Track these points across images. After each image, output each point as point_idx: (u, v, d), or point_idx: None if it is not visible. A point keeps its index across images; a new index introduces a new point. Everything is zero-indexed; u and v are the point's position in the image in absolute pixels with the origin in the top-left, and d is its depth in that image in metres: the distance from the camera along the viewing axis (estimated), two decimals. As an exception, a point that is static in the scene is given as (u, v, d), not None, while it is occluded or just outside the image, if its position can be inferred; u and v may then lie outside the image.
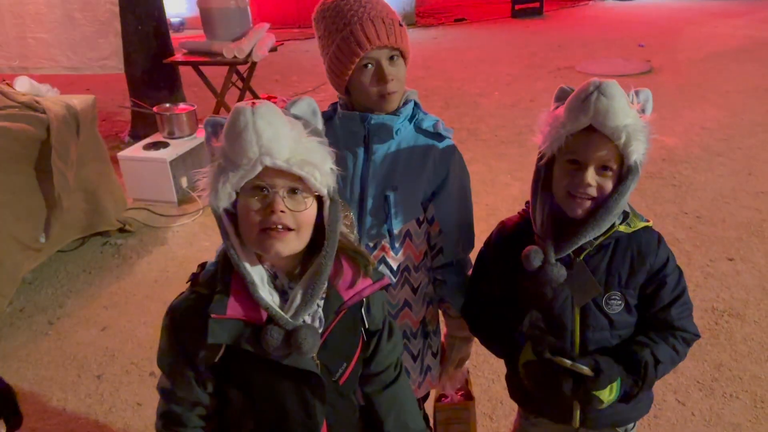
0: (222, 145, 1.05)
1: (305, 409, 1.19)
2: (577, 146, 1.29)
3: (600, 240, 1.36)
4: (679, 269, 1.45)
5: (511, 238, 1.47)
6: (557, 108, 1.33)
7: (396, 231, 1.55)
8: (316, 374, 1.16)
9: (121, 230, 3.97)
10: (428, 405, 1.89)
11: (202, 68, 5.19)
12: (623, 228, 1.37)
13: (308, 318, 1.12)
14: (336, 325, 1.18)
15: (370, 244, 1.56)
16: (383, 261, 1.57)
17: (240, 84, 5.49)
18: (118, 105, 5.87)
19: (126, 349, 2.96)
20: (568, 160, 1.32)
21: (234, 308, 1.10)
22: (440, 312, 1.76)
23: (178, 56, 5.21)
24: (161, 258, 3.75)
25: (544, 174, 1.38)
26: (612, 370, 1.35)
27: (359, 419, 1.35)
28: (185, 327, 1.15)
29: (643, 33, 9.34)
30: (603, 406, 1.37)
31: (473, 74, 7.58)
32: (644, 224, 1.41)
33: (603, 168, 1.30)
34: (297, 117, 1.11)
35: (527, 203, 1.46)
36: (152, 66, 5.28)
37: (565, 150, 1.31)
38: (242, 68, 5.40)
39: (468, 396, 1.86)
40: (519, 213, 1.51)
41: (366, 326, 1.26)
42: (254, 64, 5.36)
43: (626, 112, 1.25)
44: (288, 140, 1.03)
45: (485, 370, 2.70)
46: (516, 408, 1.73)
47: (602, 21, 10.66)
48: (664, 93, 6.32)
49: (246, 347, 1.10)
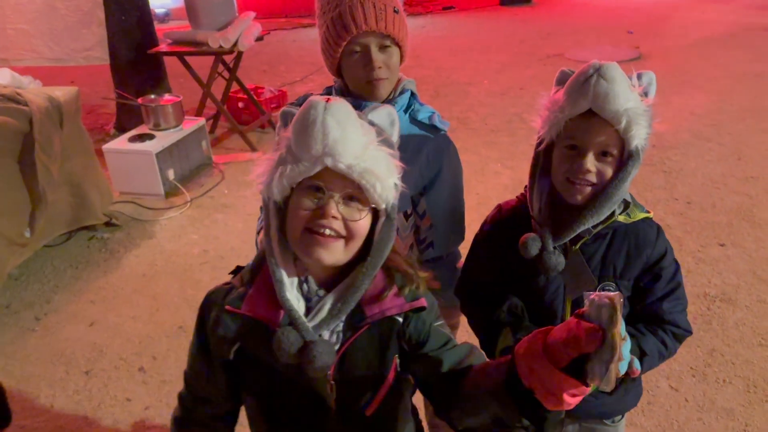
0: (288, 136, 1.00)
1: (314, 430, 1.14)
2: (577, 131, 1.26)
3: (598, 229, 1.33)
4: (677, 263, 1.42)
5: (508, 223, 1.44)
6: (557, 92, 1.30)
7: None
8: (321, 398, 1.09)
9: (108, 224, 3.91)
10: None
11: (188, 59, 5.11)
12: (622, 218, 1.34)
13: (326, 333, 1.05)
14: (357, 344, 1.07)
15: None
16: None
17: (226, 74, 5.43)
18: (103, 97, 5.79)
19: (114, 345, 2.92)
20: (568, 146, 1.28)
21: (250, 305, 1.06)
22: None
23: (163, 47, 5.14)
24: (149, 252, 3.70)
25: (543, 159, 1.35)
26: None
27: None
28: (209, 315, 1.12)
29: (632, 20, 9.33)
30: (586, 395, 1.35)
31: (462, 63, 7.54)
32: (644, 215, 1.37)
33: (603, 154, 1.26)
34: (372, 123, 1.04)
35: (526, 187, 1.42)
36: (137, 57, 5.20)
37: (565, 135, 1.28)
38: (228, 58, 5.34)
39: None
40: (517, 197, 1.48)
41: (409, 339, 1.10)
42: (240, 54, 5.30)
43: (627, 96, 1.21)
44: (355, 145, 0.97)
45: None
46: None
47: (591, 8, 10.64)
48: (653, 79, 6.31)
49: (252, 348, 1.06)
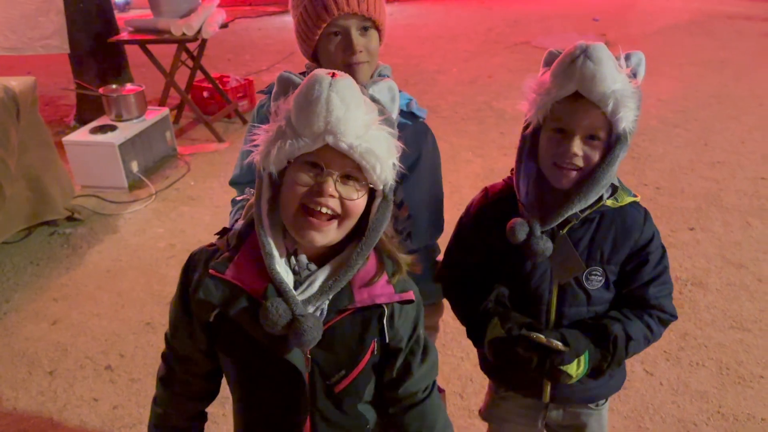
0: (289, 109, 0.97)
1: (285, 403, 1.13)
2: (563, 114, 1.22)
3: (586, 213, 1.30)
4: (663, 248, 1.40)
5: (494, 207, 1.40)
6: (544, 73, 1.26)
7: None
8: (297, 371, 1.08)
9: (70, 219, 3.78)
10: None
11: (150, 47, 4.95)
12: (610, 202, 1.31)
13: (311, 308, 1.02)
14: (339, 324, 1.07)
15: None
16: None
17: (190, 63, 5.29)
18: (62, 88, 5.60)
19: (79, 343, 2.81)
20: (554, 129, 1.25)
21: (235, 271, 1.04)
22: None
23: (124, 35, 4.97)
24: (113, 247, 3.59)
25: (530, 143, 1.31)
26: (579, 343, 1.30)
27: None
28: (190, 275, 1.11)
29: (597, 7, 9.40)
30: (572, 381, 1.32)
31: (431, 51, 7.50)
32: (632, 199, 1.35)
33: (590, 137, 1.23)
34: (374, 99, 1.02)
35: (512, 171, 1.38)
36: (96, 46, 5.03)
37: (551, 118, 1.24)
38: (192, 46, 5.20)
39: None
40: (504, 180, 1.44)
41: (386, 340, 1.13)
42: (204, 42, 5.17)
43: (614, 77, 1.17)
44: (358, 124, 0.94)
45: (454, 349, 2.66)
46: (486, 384, 1.69)
47: (556, -4, 10.69)
48: (620, 66, 6.37)
49: (234, 316, 1.04)
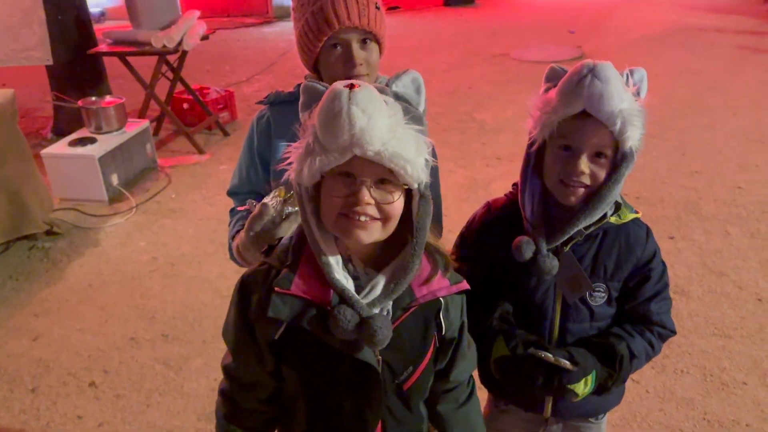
0: (314, 125, 0.99)
1: (358, 406, 1.14)
2: (570, 132, 1.22)
3: (590, 230, 1.31)
4: (664, 264, 1.41)
5: (498, 223, 1.41)
6: (548, 89, 1.26)
7: None
8: (375, 370, 1.10)
9: (49, 232, 3.72)
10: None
11: (129, 59, 4.91)
12: (614, 219, 1.32)
13: (376, 311, 1.05)
14: (404, 323, 1.11)
15: None
16: None
17: (170, 74, 5.25)
18: (41, 100, 5.52)
19: (61, 359, 2.76)
20: (561, 146, 1.25)
21: (300, 285, 1.06)
22: None
23: (103, 47, 4.93)
24: (94, 260, 3.53)
25: (535, 160, 1.31)
26: (587, 363, 1.31)
27: None
28: (251, 298, 1.11)
29: (573, 19, 9.54)
30: (578, 399, 1.34)
31: (410, 62, 7.50)
32: (634, 216, 1.36)
33: (597, 155, 1.23)
34: (398, 96, 1.03)
35: (514, 185, 1.39)
36: (74, 58, 4.97)
37: (557, 135, 1.24)
38: (172, 58, 5.16)
39: None
40: (506, 195, 1.44)
41: (442, 332, 1.17)
42: (185, 54, 5.14)
43: (621, 96, 1.18)
44: (382, 130, 0.95)
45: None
46: (486, 396, 1.69)
47: (533, 8, 10.84)
48: (597, 77, 6.45)
49: (307, 327, 1.05)
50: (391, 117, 0.98)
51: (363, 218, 0.99)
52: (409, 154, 0.98)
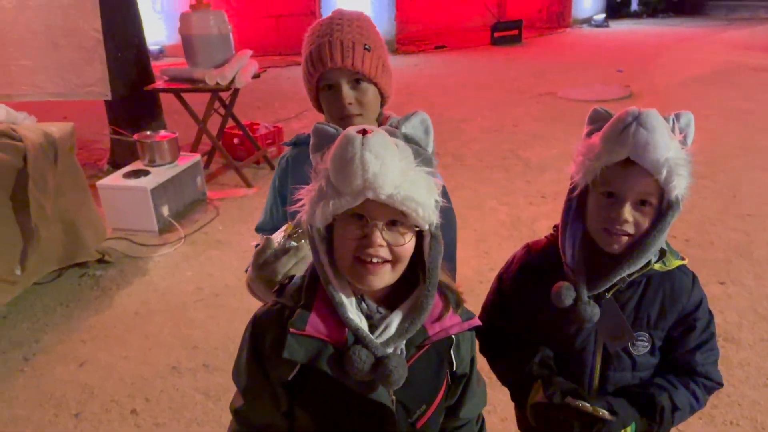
0: (326, 168, 1.02)
1: None
2: (614, 179, 1.19)
3: (633, 277, 1.27)
4: (710, 313, 1.37)
5: (538, 267, 1.38)
6: (591, 132, 1.25)
7: None
8: (390, 410, 1.10)
9: (100, 261, 3.84)
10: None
11: (184, 95, 5.11)
12: (658, 266, 1.28)
13: (390, 350, 1.06)
14: (418, 361, 1.11)
15: None
16: None
17: (222, 111, 5.43)
18: (99, 132, 5.77)
19: (106, 386, 2.83)
20: (604, 193, 1.22)
21: (314, 325, 1.06)
22: None
23: (160, 83, 5.14)
24: (142, 289, 3.63)
25: (576, 204, 1.29)
26: (626, 414, 1.27)
27: None
28: (264, 337, 1.12)
29: (621, 58, 9.49)
30: None
31: (455, 100, 7.61)
32: (679, 262, 1.32)
33: (641, 203, 1.20)
34: (408, 138, 1.07)
35: (555, 227, 1.37)
36: (132, 93, 5.19)
37: (601, 181, 1.21)
38: (224, 95, 5.35)
39: None
40: (546, 237, 1.42)
41: (453, 368, 1.18)
42: (237, 91, 5.31)
43: (667, 145, 1.14)
44: (394, 174, 0.98)
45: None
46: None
47: (580, 47, 10.84)
48: (645, 117, 6.38)
49: (323, 368, 1.06)
50: (403, 160, 1.00)
51: (375, 260, 1.01)
52: (421, 197, 1.00)
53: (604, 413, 1.25)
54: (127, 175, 4.34)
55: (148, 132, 4.67)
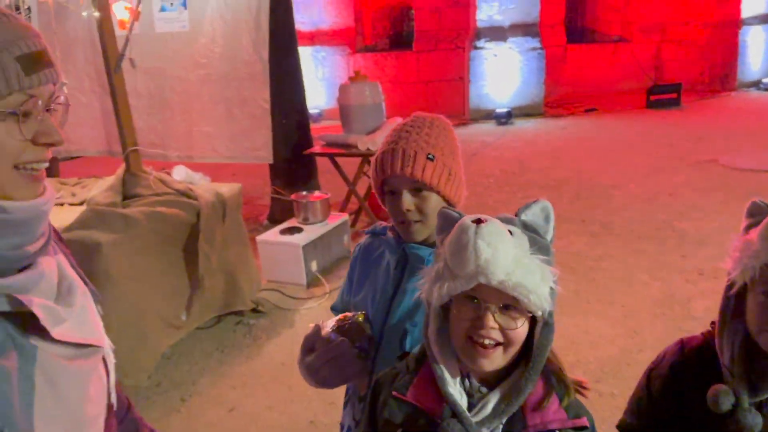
0: (444, 252, 1.10)
1: None
2: None
3: None
4: None
5: (692, 367, 1.30)
6: (749, 226, 1.19)
7: None
8: None
9: (254, 310, 4.13)
10: None
11: (337, 159, 5.47)
12: None
13: (485, 429, 1.09)
14: None
15: None
16: None
17: (371, 174, 5.68)
18: (261, 190, 6.28)
19: (250, 433, 3.01)
20: (765, 293, 1.15)
21: (416, 393, 1.14)
22: None
23: (317, 148, 5.55)
24: (289, 341, 3.84)
25: (735, 302, 1.22)
26: None
27: None
28: (379, 397, 1.20)
29: (795, 124, 8.72)
30: None
31: (605, 165, 7.37)
32: None
33: None
34: (526, 225, 1.12)
35: (713, 324, 1.29)
36: (292, 156, 5.63)
37: (760, 281, 1.14)
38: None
39: None
40: (703, 334, 1.34)
41: None
42: (386, 155, 5.55)
43: None
44: (506, 261, 1.03)
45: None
46: None
47: (745, 112, 10.09)
48: (824, 190, 5.79)
49: None
50: (517, 248, 1.05)
51: (487, 341, 1.05)
52: (533, 284, 1.03)
53: None
54: (283, 232, 4.68)
55: (304, 192, 5.03)
